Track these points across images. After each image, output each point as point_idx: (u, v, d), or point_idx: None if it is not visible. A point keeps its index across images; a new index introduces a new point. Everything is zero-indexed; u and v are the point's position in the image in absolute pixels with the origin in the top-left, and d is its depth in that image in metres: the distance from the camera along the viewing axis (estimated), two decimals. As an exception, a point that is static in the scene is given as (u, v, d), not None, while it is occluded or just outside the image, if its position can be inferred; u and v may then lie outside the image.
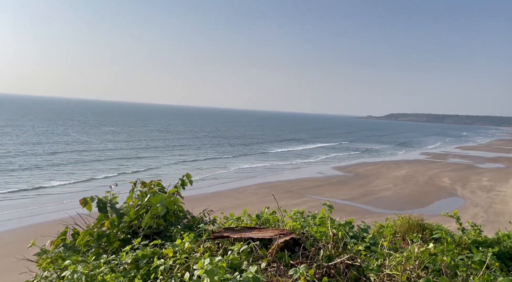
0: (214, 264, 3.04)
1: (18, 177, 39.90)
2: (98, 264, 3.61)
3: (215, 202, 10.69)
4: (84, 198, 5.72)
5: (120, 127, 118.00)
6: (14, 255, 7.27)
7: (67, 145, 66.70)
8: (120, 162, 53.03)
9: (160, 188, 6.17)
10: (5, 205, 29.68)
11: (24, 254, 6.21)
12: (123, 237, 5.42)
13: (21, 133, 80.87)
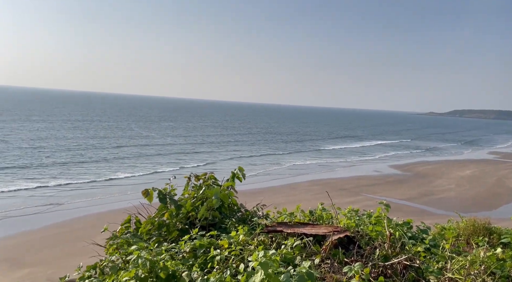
0: (268, 257, 3.10)
1: (87, 168, 43.32)
2: (160, 251, 3.84)
3: (268, 197, 10.81)
4: (146, 189, 6.09)
5: (179, 123, 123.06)
6: (84, 240, 7.94)
7: (130, 139, 71.01)
8: (178, 157, 55.41)
9: (214, 181, 6.39)
10: (76, 194, 32.43)
11: (93, 239, 6.76)
12: (181, 227, 5.69)
13: (90, 128, 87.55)
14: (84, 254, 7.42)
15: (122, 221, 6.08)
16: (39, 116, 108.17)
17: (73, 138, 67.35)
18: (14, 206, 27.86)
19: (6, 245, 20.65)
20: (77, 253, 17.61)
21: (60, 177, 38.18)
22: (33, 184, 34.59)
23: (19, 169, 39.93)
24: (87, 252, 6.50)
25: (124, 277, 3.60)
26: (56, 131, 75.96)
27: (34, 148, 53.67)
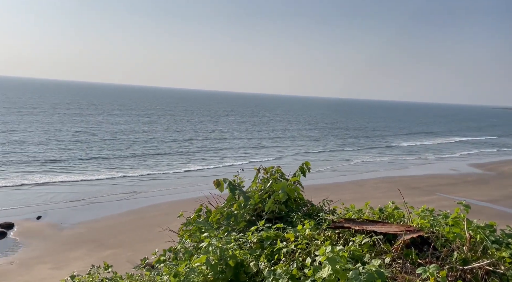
0: (336, 252, 3.06)
1: (161, 160, 46.26)
2: (229, 240, 4.00)
3: (333, 194, 10.63)
4: (217, 180, 6.34)
5: (245, 117, 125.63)
6: (159, 226, 8.50)
7: (200, 133, 74.27)
8: (245, 151, 56.70)
9: (280, 174, 6.44)
10: (152, 184, 34.86)
11: (167, 225, 7.22)
12: (248, 219, 5.85)
13: (164, 121, 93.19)
14: (159, 239, 7.99)
15: (193, 210, 6.41)
16: (119, 110, 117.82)
17: (149, 131, 72.28)
18: (99, 193, 30.81)
19: (93, 227, 22.97)
20: (153, 238, 18.97)
21: (137, 167, 41.30)
22: (115, 173, 37.91)
23: (103, 160, 43.94)
24: (162, 237, 6.96)
25: (196, 262, 3.81)
26: (134, 124, 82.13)
27: (116, 140, 58.67)
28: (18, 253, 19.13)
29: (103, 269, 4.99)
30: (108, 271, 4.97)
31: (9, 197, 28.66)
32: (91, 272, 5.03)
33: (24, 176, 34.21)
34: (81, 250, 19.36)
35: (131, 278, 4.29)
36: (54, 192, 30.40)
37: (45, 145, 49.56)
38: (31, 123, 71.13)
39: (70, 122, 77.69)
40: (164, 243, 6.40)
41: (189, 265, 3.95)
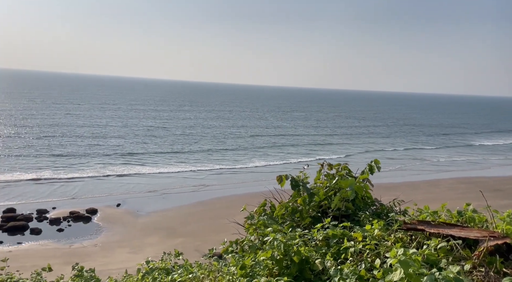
0: (408, 255, 2.88)
1: (226, 155, 47.67)
2: (294, 236, 3.98)
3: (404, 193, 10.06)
4: (280, 175, 6.34)
5: (310, 113, 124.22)
6: (226, 218, 8.75)
7: (264, 129, 75.09)
8: (310, 147, 56.16)
9: (347, 172, 6.24)
10: (218, 178, 36.14)
11: (232, 218, 7.41)
12: (313, 215, 5.77)
13: (230, 117, 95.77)
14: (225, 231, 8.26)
15: (257, 204, 6.49)
16: (189, 106, 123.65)
17: (216, 126, 74.88)
18: (171, 185, 32.74)
19: (166, 216, 24.50)
20: (219, 229, 19.68)
21: (205, 162, 43.07)
22: (185, 167, 39.97)
23: (174, 154, 46.51)
24: (228, 229, 7.16)
25: (261, 256, 3.85)
26: (203, 119, 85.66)
27: (186, 135, 61.73)
28: (100, 236, 21.09)
29: (174, 256, 5.28)
30: (179, 258, 5.25)
31: (93, 186, 31.69)
32: (163, 258, 5.35)
33: (107, 167, 37.54)
34: (154, 237, 20.76)
35: (200, 267, 4.48)
36: (132, 183, 32.95)
37: (123, 139, 53.83)
38: (111, 118, 77.67)
39: (145, 117, 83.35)
40: (230, 235, 6.58)
41: (255, 258, 4.01)
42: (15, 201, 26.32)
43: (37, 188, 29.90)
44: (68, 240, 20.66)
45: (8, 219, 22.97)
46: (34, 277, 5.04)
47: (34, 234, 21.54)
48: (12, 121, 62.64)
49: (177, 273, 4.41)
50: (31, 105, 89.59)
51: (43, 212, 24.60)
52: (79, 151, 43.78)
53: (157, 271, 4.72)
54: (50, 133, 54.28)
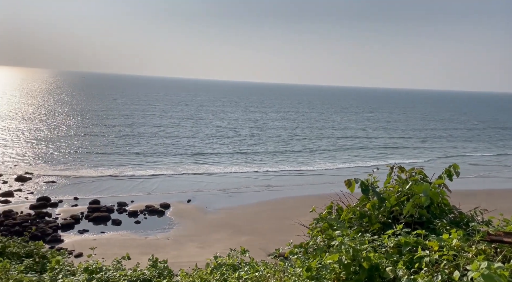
0: (493, 269, 2.64)
1: (291, 157, 47.55)
2: (363, 241, 3.85)
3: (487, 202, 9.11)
4: (348, 179, 6.17)
5: (379, 114, 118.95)
6: (291, 219, 8.74)
7: (331, 130, 73.56)
8: (380, 151, 53.80)
9: (422, 176, 5.87)
10: (285, 179, 36.27)
11: (297, 219, 7.37)
12: (383, 221, 5.52)
13: (296, 118, 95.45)
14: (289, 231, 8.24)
15: (322, 206, 6.39)
16: (256, 107, 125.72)
17: (281, 127, 75.13)
18: (238, 184, 33.62)
19: (232, 214, 25.23)
20: (283, 229, 19.71)
21: (271, 163, 43.46)
22: (251, 167, 40.74)
23: (241, 154, 47.59)
24: (292, 229, 7.15)
25: (328, 260, 3.79)
26: (269, 120, 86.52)
27: (252, 135, 62.88)
28: (172, 230, 22.37)
29: (240, 253, 5.41)
30: (245, 255, 5.37)
31: (167, 182, 33.74)
32: (230, 254, 5.51)
33: (178, 166, 39.74)
34: (222, 233, 21.47)
35: (265, 266, 4.54)
36: (201, 181, 34.47)
37: (194, 139, 56.49)
38: (183, 118, 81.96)
39: (215, 118, 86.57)
40: (295, 236, 6.57)
41: (321, 261, 3.96)
42: (100, 195, 29.01)
43: (118, 183, 32.63)
44: (144, 232, 22.24)
45: (93, 210, 25.43)
46: (115, 265, 5.49)
47: (115, 225, 23.56)
48: (97, 121, 69.10)
49: (243, 270, 4.52)
50: (113, 106, 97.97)
51: (123, 205, 26.80)
52: (154, 150, 46.88)
53: (225, 266, 4.88)
54: (129, 132, 58.90)
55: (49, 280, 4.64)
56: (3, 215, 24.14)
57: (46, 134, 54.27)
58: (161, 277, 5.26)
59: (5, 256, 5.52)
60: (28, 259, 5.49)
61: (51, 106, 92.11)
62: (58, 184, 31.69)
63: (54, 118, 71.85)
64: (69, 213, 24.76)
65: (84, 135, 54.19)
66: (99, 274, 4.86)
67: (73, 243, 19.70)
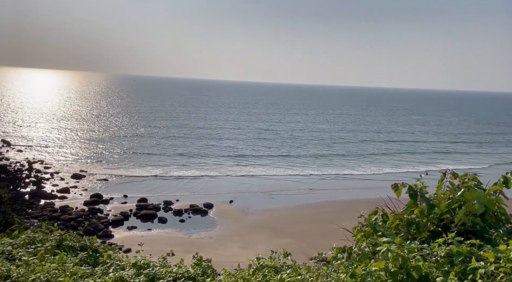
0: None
1: (334, 160, 46.75)
2: (412, 249, 3.70)
3: (551, 213, 8.39)
4: (395, 183, 5.95)
5: (429, 117, 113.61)
6: (334, 223, 8.59)
7: (376, 134, 71.34)
8: (428, 155, 51.41)
9: (476, 183, 5.53)
10: (326, 183, 35.73)
11: (339, 223, 7.22)
12: (432, 229, 5.27)
13: (339, 121, 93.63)
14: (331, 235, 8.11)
15: (367, 211, 6.20)
16: (298, 109, 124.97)
17: (324, 130, 74.06)
18: (279, 187, 33.59)
19: (273, 216, 25.26)
20: (325, 233, 19.41)
21: (312, 166, 42.99)
22: (293, 171, 40.56)
23: (283, 157, 47.48)
24: (335, 234, 7.02)
25: (373, 267, 3.68)
26: (311, 123, 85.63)
27: (294, 138, 62.56)
28: (215, 229, 22.81)
29: (282, 256, 5.40)
30: (287, 258, 5.35)
31: (210, 183, 34.49)
32: (272, 256, 5.52)
33: (221, 167, 40.46)
34: (262, 235, 21.56)
35: (308, 270, 4.50)
36: (243, 183, 34.87)
37: (236, 141, 57.23)
38: (226, 120, 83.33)
39: (257, 120, 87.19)
40: (338, 241, 6.44)
41: (366, 268, 3.85)
42: (147, 193, 30.25)
43: (164, 183, 33.85)
44: (187, 230, 22.88)
45: (141, 207, 26.57)
46: (161, 261, 5.70)
47: (161, 223, 24.46)
48: (145, 122, 72.15)
49: (285, 273, 4.51)
50: (161, 108, 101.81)
51: (169, 204, 27.76)
52: (198, 151, 48.11)
53: (267, 268, 4.89)
54: (175, 133, 60.89)
55: (101, 273, 4.90)
56: (60, 210, 25.92)
57: (98, 134, 57.57)
58: (205, 276, 5.38)
59: (62, 249, 5.91)
60: (82, 252, 5.83)
61: (103, 108, 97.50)
62: (109, 182, 33.47)
63: (106, 119, 76.00)
64: (119, 210, 26.06)
65: (132, 136, 56.84)
66: (147, 270, 5.06)
67: (122, 239, 20.68)
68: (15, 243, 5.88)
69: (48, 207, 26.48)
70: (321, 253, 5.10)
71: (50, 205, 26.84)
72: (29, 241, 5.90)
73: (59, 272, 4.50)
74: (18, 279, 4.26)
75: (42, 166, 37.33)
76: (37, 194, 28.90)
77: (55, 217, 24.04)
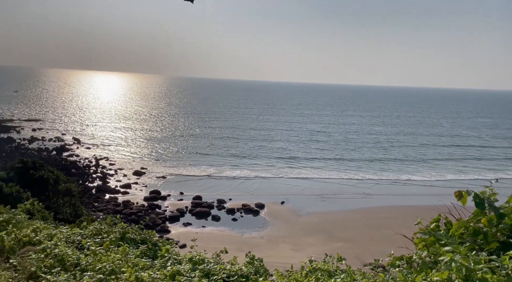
0: None
1: (390, 164, 44.81)
2: (478, 260, 3.45)
3: None
4: (459, 191, 5.57)
5: (498, 119, 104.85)
6: (392, 229, 8.24)
7: (438, 137, 67.22)
8: (498, 162, 47.41)
9: (555, 193, 5.01)
10: (382, 188, 34.42)
11: (397, 229, 6.90)
12: (502, 240, 4.86)
13: (397, 123, 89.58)
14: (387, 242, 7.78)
15: (428, 218, 5.87)
16: (353, 110, 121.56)
17: (380, 133, 71.29)
18: (332, 190, 32.98)
19: (325, 219, 24.84)
20: (381, 239, 18.68)
21: (366, 169, 41.58)
22: (346, 174, 39.55)
23: (336, 160, 46.46)
24: (391, 240, 6.74)
25: (435, 277, 3.48)
26: (366, 125, 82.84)
27: (347, 140, 60.96)
28: (267, 230, 22.94)
29: (336, 260, 5.28)
30: (341, 263, 5.22)
31: (262, 184, 34.78)
32: (325, 260, 5.42)
33: (273, 168, 40.59)
34: (314, 237, 21.28)
35: (363, 276, 4.36)
36: (295, 184, 34.70)
37: (288, 142, 57.06)
38: (278, 121, 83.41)
39: (310, 121, 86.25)
40: (395, 248, 6.17)
41: (426, 277, 3.65)
42: (201, 192, 31.23)
43: (217, 182, 34.76)
44: (240, 229, 23.26)
45: (196, 205, 27.52)
46: (215, 258, 5.85)
47: (215, 221, 25.13)
48: (200, 123, 74.55)
49: (339, 277, 4.40)
50: (215, 109, 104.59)
51: (222, 202, 28.44)
52: (250, 152, 48.72)
53: (320, 272, 4.82)
54: (228, 134, 62.22)
55: (159, 266, 5.15)
56: (123, 204, 27.65)
57: (156, 134, 60.56)
58: (257, 275, 5.42)
59: (125, 241, 6.29)
60: (142, 245, 6.17)
61: (162, 109, 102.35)
62: (166, 179, 35.07)
63: (164, 119, 79.71)
64: (175, 206, 27.20)
65: (188, 136, 59.03)
66: (202, 265, 5.22)
67: (178, 234, 21.56)
68: (84, 233, 6.37)
69: (112, 201, 28.40)
70: (377, 260, 4.92)
71: (114, 200, 28.75)
72: (96, 232, 6.35)
73: (122, 262, 4.79)
74: (86, 267, 4.61)
75: (107, 163, 40.11)
76: (103, 189, 31.09)
77: (118, 211, 25.69)
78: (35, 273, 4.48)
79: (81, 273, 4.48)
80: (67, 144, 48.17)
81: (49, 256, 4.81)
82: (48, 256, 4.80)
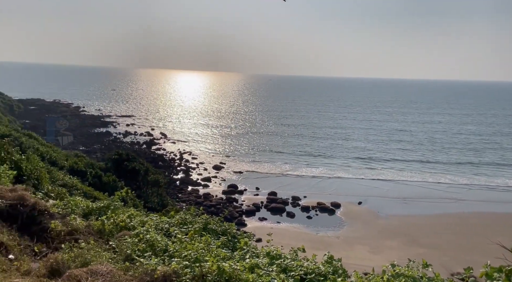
0: None
1: (481, 168, 40.57)
2: None
3: None
4: None
5: None
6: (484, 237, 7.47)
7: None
8: None
9: None
10: (467, 192, 31.39)
11: (492, 238, 6.23)
12: None
13: (493, 121, 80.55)
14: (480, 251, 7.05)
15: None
16: (441, 108, 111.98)
17: (472, 133, 64.74)
18: (414, 193, 30.95)
19: (406, 222, 23.42)
20: (471, 247, 17.06)
21: (454, 173, 38.16)
22: (430, 176, 36.70)
23: (420, 162, 43.21)
24: (484, 249, 6.15)
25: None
26: (455, 124, 75.68)
27: (432, 141, 56.40)
28: (342, 230, 22.39)
29: (422, 266, 4.95)
30: (427, 269, 4.88)
31: (338, 183, 34.00)
32: (409, 265, 5.11)
33: (349, 168, 39.35)
34: (394, 241, 20.20)
35: (454, 285, 4.03)
36: (374, 186, 33.23)
37: (366, 142, 54.73)
38: (356, 119, 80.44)
39: (391, 119, 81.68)
40: (491, 258, 5.59)
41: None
42: (276, 188, 31.56)
43: (292, 179, 34.82)
44: (314, 227, 23.05)
45: (271, 200, 27.93)
46: (292, 254, 5.87)
47: (289, 217, 25.25)
48: (276, 120, 75.16)
49: (427, 285, 4.13)
50: (291, 107, 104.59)
51: (297, 199, 28.44)
52: (325, 151, 47.83)
53: (403, 277, 4.57)
54: (303, 132, 61.81)
55: (239, 258, 5.34)
56: (203, 196, 29.18)
57: (234, 130, 62.60)
58: (336, 275, 5.33)
59: (207, 231, 6.64)
60: (223, 236, 6.44)
61: (240, 106, 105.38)
62: (243, 174, 36.13)
63: (241, 116, 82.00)
64: (251, 201, 27.91)
65: (264, 133, 59.98)
66: (279, 260, 5.29)
67: (254, 228, 22.11)
68: (171, 222, 6.87)
69: (193, 193, 30.15)
70: (468, 268, 4.50)
71: (196, 192, 30.50)
72: (182, 221, 6.81)
73: (205, 251, 5.07)
74: (173, 253, 4.97)
75: (190, 157, 42.62)
76: (186, 181, 33.14)
77: (199, 202, 27.18)
78: (130, 255, 4.94)
79: (169, 259, 4.83)
80: (155, 139, 52.24)
81: (142, 240, 5.28)
82: (141, 240, 5.28)
